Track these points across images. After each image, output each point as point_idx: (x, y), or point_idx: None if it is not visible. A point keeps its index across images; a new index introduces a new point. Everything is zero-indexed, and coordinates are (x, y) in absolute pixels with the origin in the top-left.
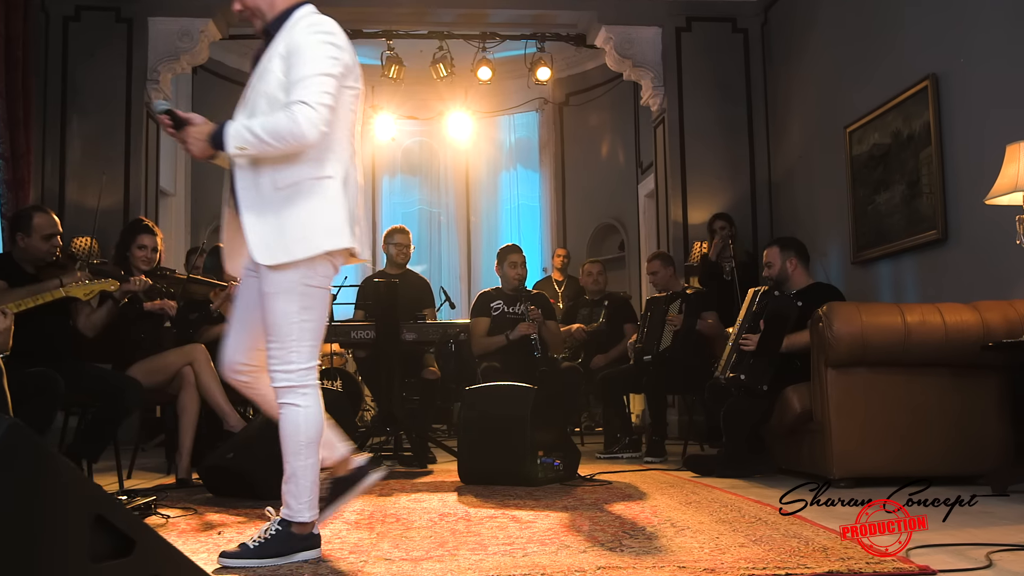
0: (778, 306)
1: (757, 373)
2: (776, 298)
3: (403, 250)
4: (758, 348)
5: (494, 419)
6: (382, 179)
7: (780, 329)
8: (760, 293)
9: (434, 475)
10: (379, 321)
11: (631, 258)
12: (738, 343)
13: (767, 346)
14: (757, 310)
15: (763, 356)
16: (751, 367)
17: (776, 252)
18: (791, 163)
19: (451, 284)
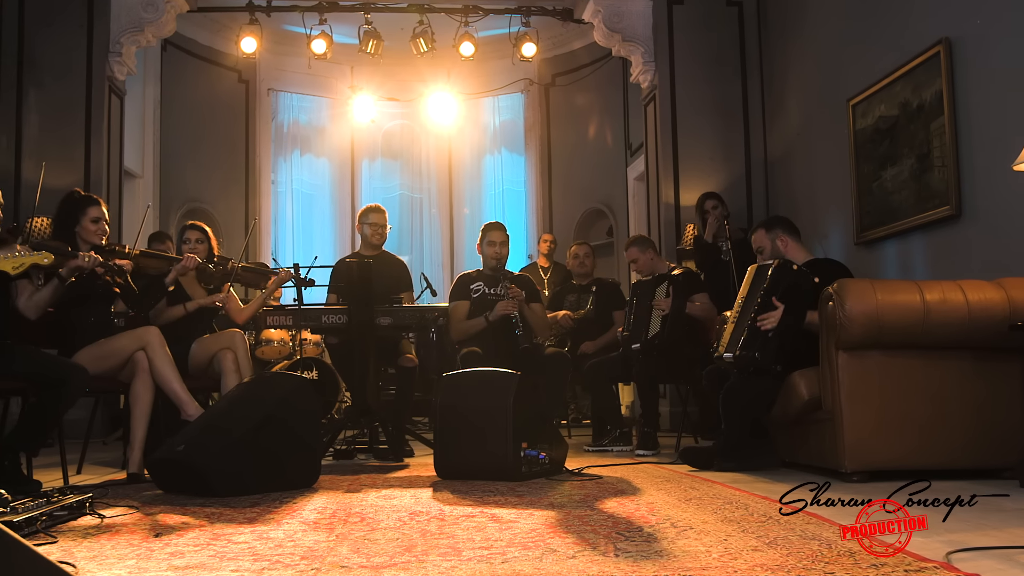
0: (796, 280)
1: (771, 352)
2: (795, 272)
3: (379, 230)
4: (780, 326)
5: (473, 408)
6: (362, 163)
7: (801, 305)
8: (775, 267)
9: (410, 469)
10: (352, 305)
11: (620, 243)
12: (748, 322)
13: (787, 324)
14: (770, 286)
15: (780, 336)
16: (765, 345)
17: (763, 234)
18: (788, 141)
19: (433, 272)
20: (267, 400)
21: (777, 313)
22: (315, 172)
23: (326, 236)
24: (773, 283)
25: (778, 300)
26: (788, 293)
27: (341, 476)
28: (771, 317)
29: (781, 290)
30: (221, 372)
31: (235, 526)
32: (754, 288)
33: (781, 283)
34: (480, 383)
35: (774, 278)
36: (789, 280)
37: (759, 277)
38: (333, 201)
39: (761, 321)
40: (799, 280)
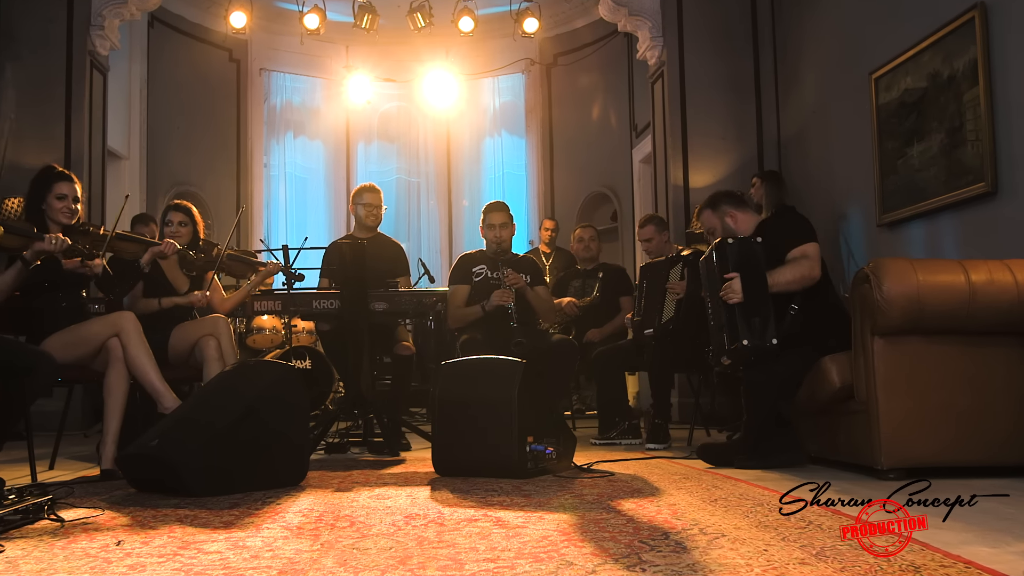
0: (739, 251)
1: (757, 329)
2: (731, 245)
3: (373, 211)
4: (745, 297)
5: (474, 399)
6: (357, 146)
7: (756, 270)
8: (714, 248)
9: (406, 464)
10: (345, 289)
11: (625, 229)
12: (723, 315)
13: (753, 293)
14: (720, 265)
15: (754, 307)
16: (748, 326)
17: (710, 215)
18: (804, 118)
19: (431, 258)
20: (249, 391)
21: (735, 283)
22: (309, 155)
23: (320, 221)
24: (721, 262)
25: (735, 274)
26: (740, 264)
27: (331, 472)
28: (730, 289)
29: (731, 265)
30: (203, 361)
31: (208, 532)
32: (710, 281)
33: (728, 259)
34: (482, 372)
35: (719, 260)
36: (733, 255)
37: (707, 267)
38: (328, 185)
39: (724, 293)
40: (742, 249)
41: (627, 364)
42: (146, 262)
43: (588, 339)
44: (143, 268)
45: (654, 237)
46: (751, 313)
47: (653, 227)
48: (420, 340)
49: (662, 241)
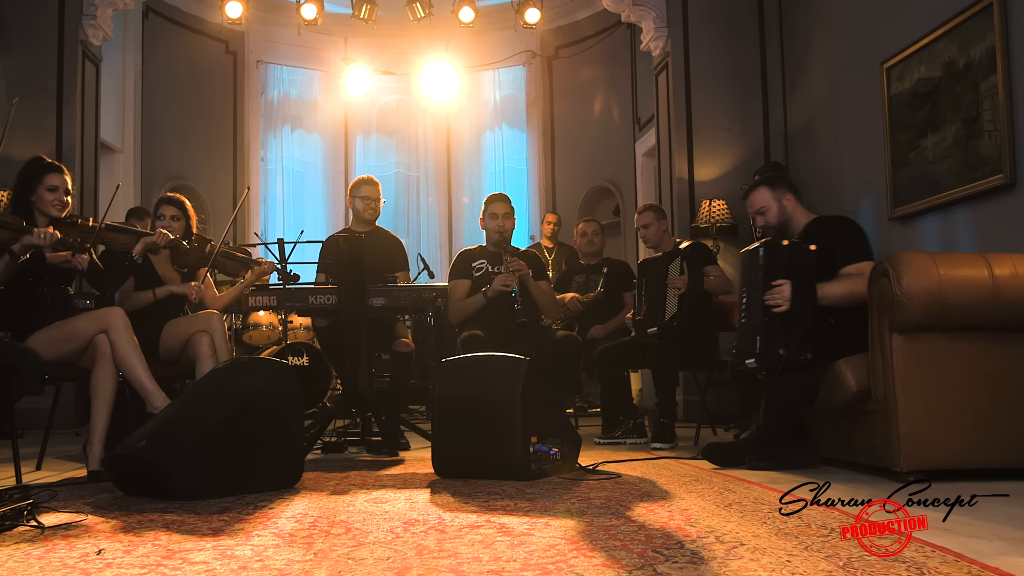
0: (790, 257)
1: (795, 343)
2: (783, 248)
3: (371, 204)
4: (792, 307)
5: (476, 398)
6: (355, 139)
7: (808, 281)
8: (764, 247)
9: (405, 465)
10: (342, 284)
11: (627, 223)
12: (760, 316)
13: (799, 304)
14: (768, 266)
15: (797, 319)
16: (787, 338)
17: (767, 193)
18: (812, 110)
19: (430, 253)
20: (242, 389)
21: (785, 289)
22: (307, 149)
23: (318, 216)
24: (769, 264)
25: (785, 278)
26: (790, 270)
27: (328, 474)
28: (779, 294)
29: (781, 269)
30: (196, 358)
31: (196, 539)
32: (751, 276)
33: (778, 262)
34: (484, 370)
35: (768, 259)
36: (783, 258)
37: (751, 263)
38: (326, 179)
39: (769, 298)
40: (794, 255)
41: (631, 362)
42: (139, 253)
43: (591, 336)
44: (135, 259)
45: (652, 224)
46: (793, 324)
47: (652, 214)
48: (419, 337)
49: (660, 230)
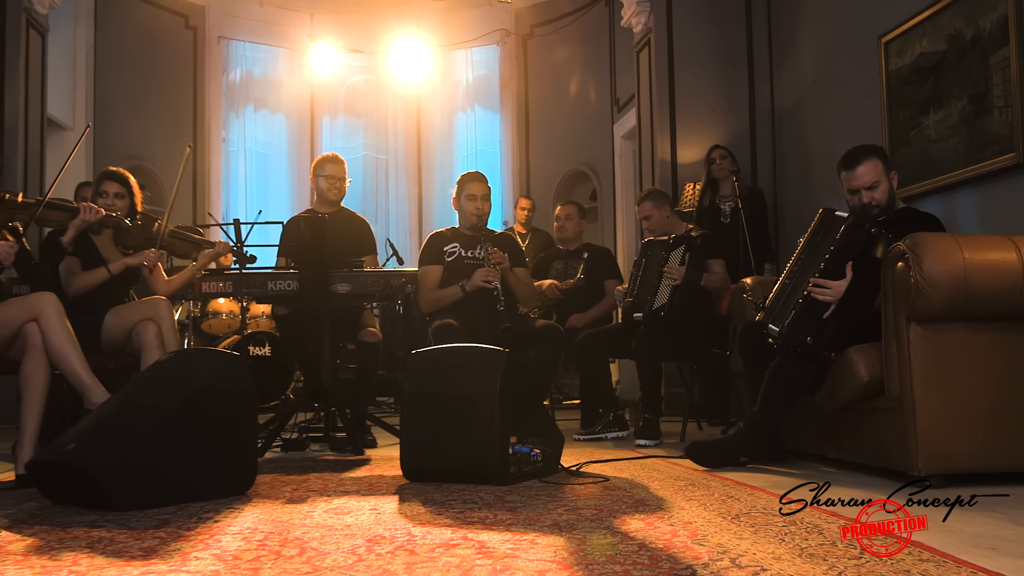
0: (862, 250)
1: (826, 339)
2: (872, 237)
3: (336, 183)
4: (841, 304)
5: (449, 394)
6: (322, 120)
7: (874, 282)
8: (848, 225)
9: (371, 465)
10: (303, 268)
11: (604, 208)
12: (804, 290)
13: (854, 302)
14: (840, 247)
15: (840, 316)
16: (820, 329)
17: (878, 166)
18: (801, 89)
19: (399, 239)
20: (187, 385)
21: (840, 285)
22: (271, 129)
23: (282, 199)
24: (845, 244)
25: (853, 268)
26: (861, 262)
27: (286, 477)
28: (830, 288)
29: (854, 255)
30: (141, 348)
31: (121, 564)
32: (819, 243)
33: (853, 246)
34: (458, 363)
35: (846, 238)
36: (863, 245)
37: (827, 229)
38: (290, 161)
39: (818, 292)
40: (873, 245)
41: (613, 349)
42: (69, 239)
43: (570, 325)
44: (66, 247)
45: (653, 214)
46: (833, 318)
47: (651, 203)
48: (387, 326)
49: (662, 217)
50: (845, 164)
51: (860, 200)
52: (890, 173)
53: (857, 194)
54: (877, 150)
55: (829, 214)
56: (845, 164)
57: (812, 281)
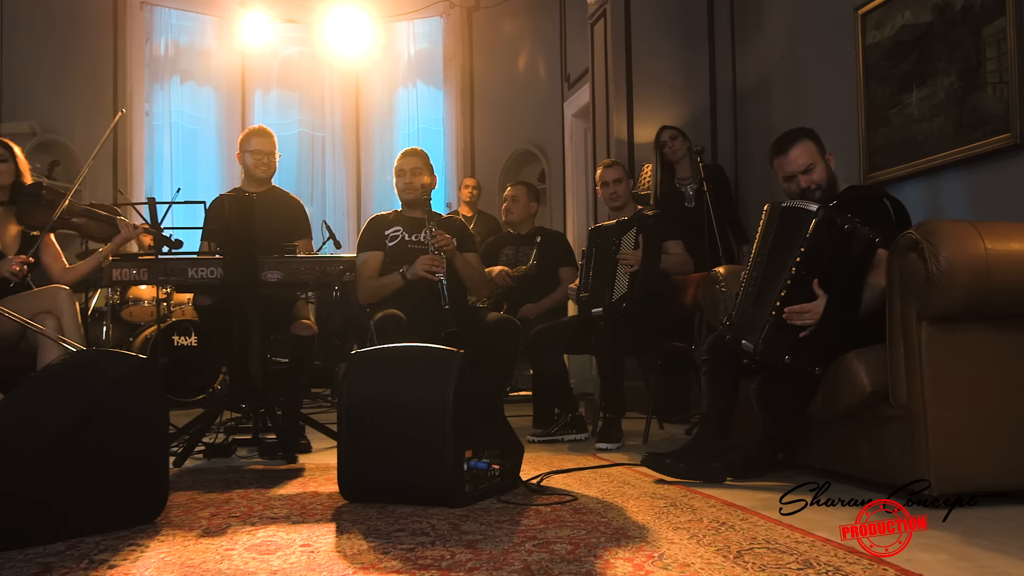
0: (845, 244)
1: (808, 355)
2: (846, 233)
3: (263, 159)
4: (822, 323)
5: (395, 402)
6: (254, 94)
7: (856, 286)
8: (821, 220)
9: (304, 478)
10: (228, 254)
11: (554, 191)
12: (773, 303)
13: (832, 320)
14: (809, 253)
15: (822, 334)
16: (798, 348)
17: (811, 148)
18: (767, 65)
19: (337, 222)
20: (82, 395)
21: (816, 306)
22: (198, 103)
23: (211, 178)
24: (813, 249)
25: (820, 283)
26: (836, 267)
27: (204, 495)
28: (806, 312)
29: (825, 261)
30: (37, 346)
31: None
32: (782, 244)
33: (826, 250)
34: (405, 366)
35: (815, 240)
36: (837, 244)
37: (791, 227)
38: (220, 137)
39: (795, 319)
40: (849, 243)
41: (571, 345)
42: None
43: (522, 315)
44: None
45: (622, 178)
46: (813, 338)
47: (621, 169)
48: (324, 313)
49: (626, 190)
50: (776, 150)
51: (798, 186)
52: (825, 155)
53: (793, 180)
54: (808, 132)
55: (789, 208)
56: (776, 150)
57: (788, 310)
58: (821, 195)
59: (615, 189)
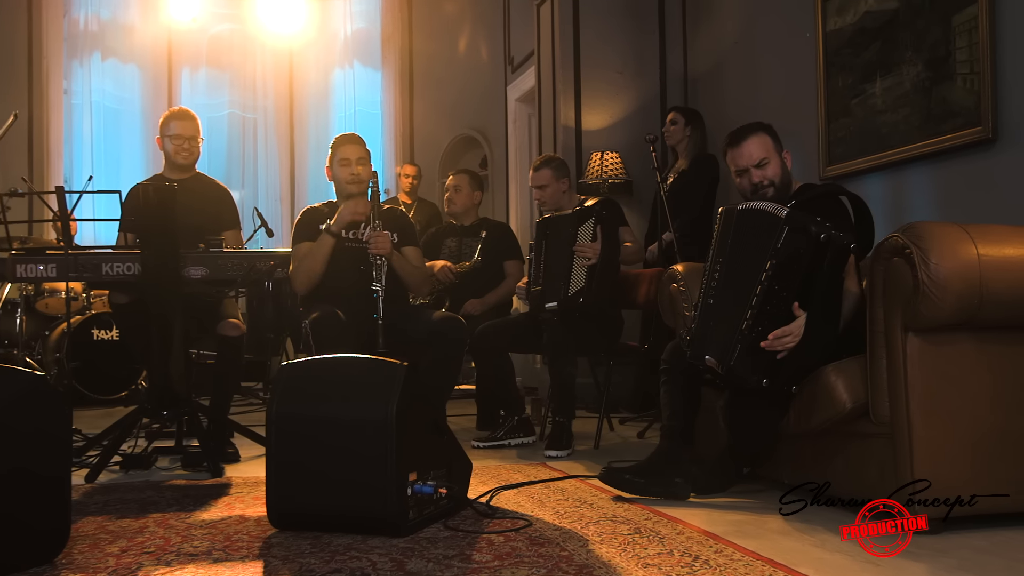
0: (819, 251)
1: (786, 375)
2: (821, 243)
3: (184, 144)
4: (800, 341)
5: (331, 420)
6: (181, 73)
7: (835, 298)
8: (788, 223)
9: (231, 498)
10: (147, 248)
11: (496, 178)
12: (742, 323)
13: (818, 338)
14: (781, 265)
15: (799, 354)
16: (775, 369)
17: (768, 142)
18: (721, 51)
19: (270, 208)
20: None
21: (796, 327)
22: (121, 82)
23: (136, 162)
24: (786, 261)
25: (799, 301)
26: (814, 281)
27: (115, 523)
28: (787, 336)
29: (800, 275)
30: None
31: None
32: (745, 252)
33: (799, 262)
34: (343, 380)
35: (787, 252)
36: (812, 256)
37: (753, 233)
38: (145, 118)
39: (772, 344)
40: (824, 253)
41: (517, 342)
42: None
43: (466, 311)
44: None
45: (550, 184)
46: (792, 359)
47: (550, 172)
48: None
49: (559, 191)
50: (730, 142)
51: (749, 181)
52: (782, 152)
53: (746, 174)
54: (765, 127)
55: (752, 211)
56: (730, 142)
57: (772, 336)
58: (774, 192)
59: (540, 196)
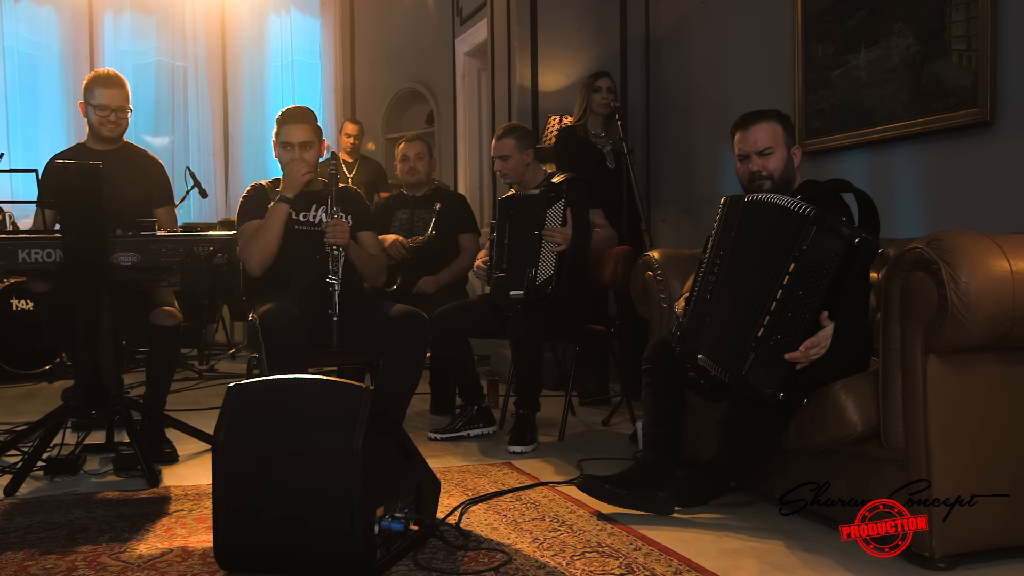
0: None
1: (802, 388)
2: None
3: (111, 116)
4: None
5: (287, 451)
6: (103, 17)
7: (861, 306)
8: (816, 231)
9: (170, 517)
10: (69, 232)
11: (444, 135)
12: (758, 329)
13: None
14: (813, 266)
15: (821, 366)
16: (793, 380)
17: (777, 131)
18: (685, 11)
19: (202, 165)
20: None
21: (823, 338)
22: (37, 26)
23: (55, 115)
24: (813, 263)
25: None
26: (843, 288)
27: (37, 562)
28: (814, 347)
29: (828, 280)
30: None
31: None
32: (757, 249)
33: (827, 264)
34: (301, 403)
35: (814, 253)
36: (843, 261)
37: (769, 231)
38: (64, 67)
39: (807, 354)
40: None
41: (477, 327)
42: None
43: (419, 290)
44: None
45: (512, 156)
46: (811, 371)
47: (513, 142)
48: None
49: (522, 163)
50: (740, 124)
51: (748, 168)
52: (792, 146)
53: (747, 160)
54: (781, 116)
55: (758, 205)
56: (740, 124)
57: (803, 346)
58: (771, 186)
59: (502, 168)
